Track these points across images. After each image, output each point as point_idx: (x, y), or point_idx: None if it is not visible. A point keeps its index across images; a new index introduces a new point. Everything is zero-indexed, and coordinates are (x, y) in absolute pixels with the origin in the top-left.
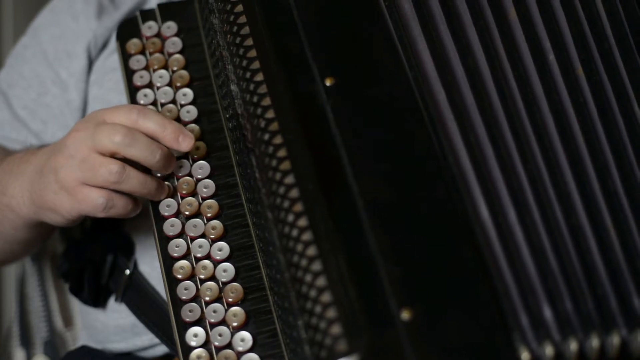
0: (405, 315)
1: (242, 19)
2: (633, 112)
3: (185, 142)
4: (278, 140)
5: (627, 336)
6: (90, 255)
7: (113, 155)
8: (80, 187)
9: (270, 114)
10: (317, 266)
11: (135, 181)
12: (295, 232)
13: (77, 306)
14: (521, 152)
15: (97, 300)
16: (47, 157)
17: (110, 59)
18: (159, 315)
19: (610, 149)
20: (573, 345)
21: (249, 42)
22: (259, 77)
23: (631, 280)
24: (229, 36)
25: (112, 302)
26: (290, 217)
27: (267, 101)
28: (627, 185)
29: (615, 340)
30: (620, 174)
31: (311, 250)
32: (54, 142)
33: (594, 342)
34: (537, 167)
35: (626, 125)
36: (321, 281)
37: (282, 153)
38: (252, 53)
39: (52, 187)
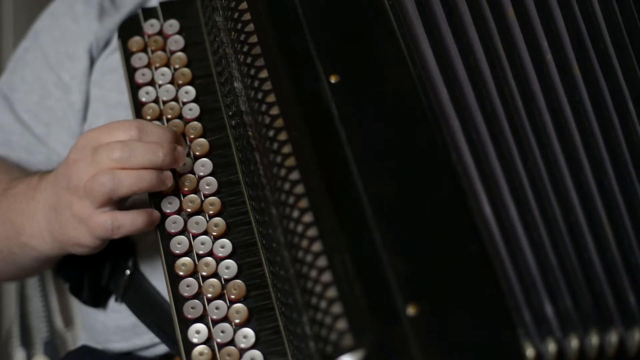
0: (410, 310)
1: (247, 16)
2: (628, 110)
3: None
4: (283, 136)
5: (623, 334)
6: (90, 255)
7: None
8: (91, 216)
9: (274, 111)
10: (322, 262)
11: (130, 180)
12: (300, 228)
13: (77, 306)
14: (521, 150)
15: (97, 301)
16: (52, 192)
17: (110, 59)
18: (160, 315)
19: (605, 147)
20: (574, 343)
21: (253, 39)
22: (264, 74)
23: (626, 276)
24: (233, 33)
25: (112, 302)
26: (295, 213)
27: (271, 98)
28: (622, 183)
29: (613, 338)
30: (615, 172)
31: (316, 246)
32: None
33: (594, 339)
34: (536, 165)
35: (621, 123)
36: (326, 277)
37: (286, 149)
38: (257, 50)
39: (71, 223)
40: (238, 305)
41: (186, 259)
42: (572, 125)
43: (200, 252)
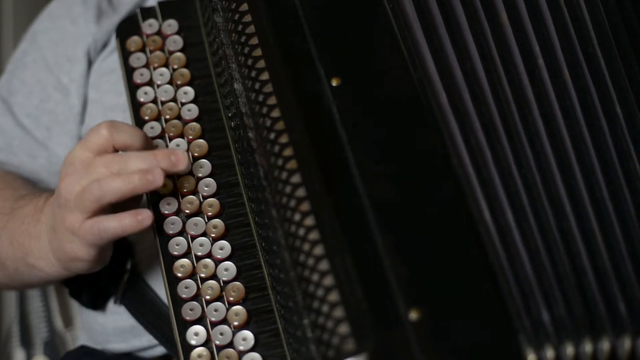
0: (413, 315)
1: (247, 18)
2: (616, 113)
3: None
4: (284, 139)
5: (615, 341)
6: None
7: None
8: (80, 225)
9: (276, 113)
10: (324, 265)
11: (115, 185)
12: (302, 231)
13: (76, 307)
14: (516, 156)
15: (96, 303)
16: (51, 212)
17: (108, 60)
18: (158, 317)
19: (595, 153)
20: (569, 350)
21: (254, 41)
22: (265, 76)
23: (617, 284)
24: (233, 35)
25: (111, 304)
26: (297, 217)
27: (272, 100)
28: (612, 189)
29: (605, 345)
30: (604, 177)
31: (318, 250)
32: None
33: (587, 347)
34: (530, 170)
35: (610, 127)
36: (328, 280)
37: (288, 152)
38: (258, 52)
39: (66, 238)
40: (237, 307)
41: (185, 261)
42: (564, 130)
43: (199, 253)
